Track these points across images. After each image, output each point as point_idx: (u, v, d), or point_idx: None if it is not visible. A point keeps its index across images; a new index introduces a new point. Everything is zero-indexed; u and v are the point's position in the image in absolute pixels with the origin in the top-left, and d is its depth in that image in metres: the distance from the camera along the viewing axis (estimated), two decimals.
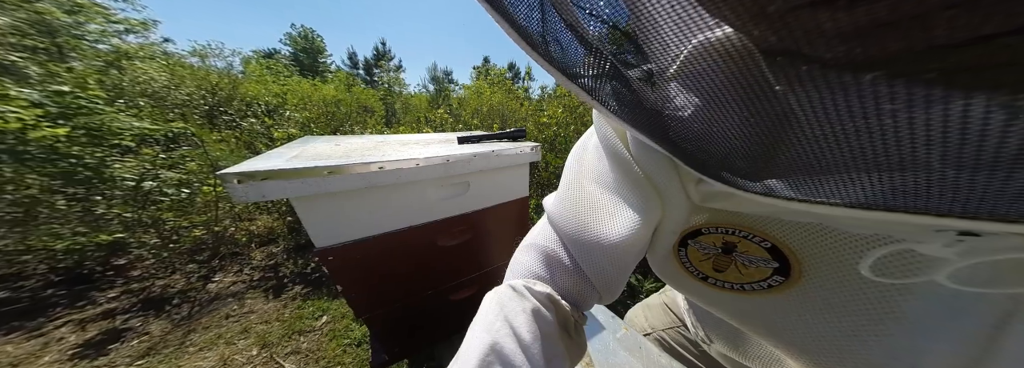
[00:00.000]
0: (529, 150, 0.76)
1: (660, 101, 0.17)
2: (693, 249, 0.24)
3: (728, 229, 0.22)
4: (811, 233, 0.19)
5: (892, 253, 0.16)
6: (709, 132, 0.15)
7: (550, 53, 0.16)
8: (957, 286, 0.15)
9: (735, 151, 0.15)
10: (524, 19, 0.16)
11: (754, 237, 0.21)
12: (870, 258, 0.17)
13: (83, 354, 1.22)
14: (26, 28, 1.99)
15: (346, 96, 4.97)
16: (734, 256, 0.23)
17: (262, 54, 19.29)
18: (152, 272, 1.68)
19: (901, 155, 0.10)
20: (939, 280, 0.16)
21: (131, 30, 3.39)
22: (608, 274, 0.27)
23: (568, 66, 0.17)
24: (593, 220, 0.26)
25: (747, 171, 0.15)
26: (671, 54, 0.14)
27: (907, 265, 0.16)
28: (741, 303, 0.24)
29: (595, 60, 0.16)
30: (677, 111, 0.16)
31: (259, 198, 0.45)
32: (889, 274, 0.17)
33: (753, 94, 0.13)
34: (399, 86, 15.41)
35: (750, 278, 0.22)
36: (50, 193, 1.47)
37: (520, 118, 3.58)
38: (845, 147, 0.11)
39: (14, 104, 1.31)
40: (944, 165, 0.10)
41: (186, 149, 1.92)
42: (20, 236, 1.48)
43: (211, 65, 7.07)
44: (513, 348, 0.21)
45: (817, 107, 0.11)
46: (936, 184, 0.10)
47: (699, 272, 0.25)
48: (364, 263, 0.63)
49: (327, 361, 1.23)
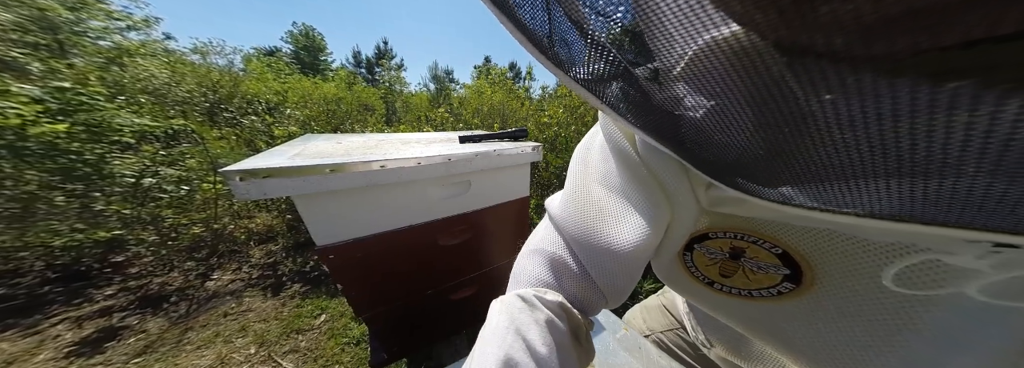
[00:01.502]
0: (530, 150, 0.76)
1: (668, 102, 0.16)
2: (699, 253, 0.24)
3: (737, 234, 0.21)
4: (825, 239, 0.18)
5: (918, 264, 0.15)
6: (720, 135, 0.15)
7: (557, 55, 0.16)
8: (987, 299, 0.14)
9: (748, 156, 0.14)
10: (530, 20, 0.15)
11: (764, 243, 0.20)
12: (893, 268, 0.16)
13: (79, 352, 1.21)
14: (28, 24, 1.99)
15: (347, 94, 4.97)
16: (742, 262, 0.22)
17: (263, 52, 19.30)
18: (150, 270, 1.68)
19: (936, 161, 0.09)
20: (969, 293, 0.14)
21: (133, 27, 3.39)
22: (617, 280, 0.26)
23: (574, 68, 0.16)
24: (601, 225, 0.25)
25: (761, 177, 0.15)
26: (677, 52, 0.14)
27: (934, 276, 0.15)
28: (748, 309, 0.24)
29: (602, 61, 0.16)
30: (687, 112, 0.15)
31: (261, 196, 0.45)
32: (913, 285, 0.16)
33: (764, 95, 0.12)
34: (400, 85, 15.43)
35: (758, 284, 0.22)
36: (49, 189, 1.47)
37: (521, 118, 3.58)
38: (872, 153, 0.10)
39: (15, 100, 1.31)
40: (989, 176, 0.09)
41: (186, 146, 1.91)
42: (18, 232, 1.48)
43: (212, 62, 7.06)
44: (528, 362, 0.20)
45: (840, 109, 0.10)
46: (978, 195, 0.09)
47: (705, 277, 0.24)
48: (365, 262, 0.63)
49: (325, 360, 1.22)
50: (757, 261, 0.21)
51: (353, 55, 28.62)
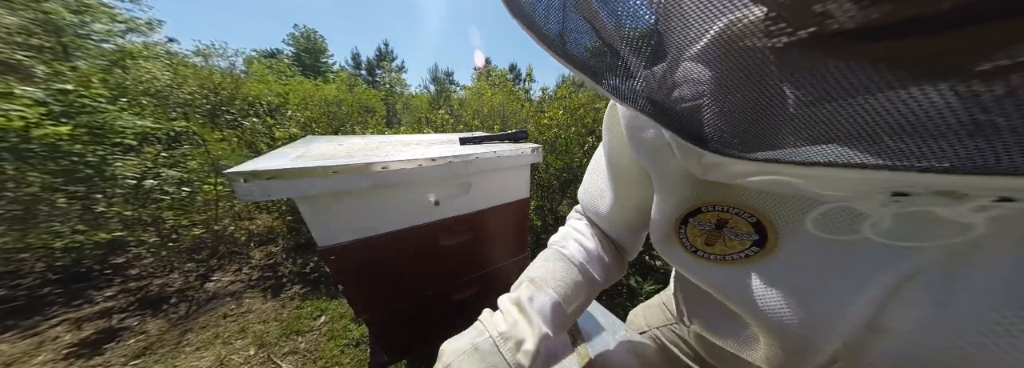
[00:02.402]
0: (530, 151, 0.77)
1: (670, 82, 0.17)
2: (692, 226, 0.27)
3: (724, 207, 0.25)
4: (780, 203, 0.22)
5: (831, 210, 0.19)
6: (724, 107, 0.16)
7: (563, 45, 0.17)
8: (883, 240, 0.17)
9: (744, 124, 0.16)
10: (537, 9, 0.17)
11: (743, 213, 0.24)
12: (814, 213, 0.19)
13: (78, 353, 1.21)
14: (33, 27, 2.01)
15: (347, 96, 4.99)
16: (723, 231, 0.25)
17: (264, 54, 19.39)
18: (150, 271, 1.68)
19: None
20: (866, 233, 0.17)
21: (136, 29, 3.41)
22: (619, 232, 0.41)
23: (576, 50, 0.18)
24: (592, 200, 0.41)
25: (746, 142, 0.16)
26: (693, 33, 0.15)
27: (844, 220, 0.18)
28: (721, 273, 0.27)
29: (606, 42, 0.17)
30: (693, 88, 0.17)
31: (264, 197, 0.46)
32: (828, 229, 0.19)
33: (755, 75, 0.14)
34: (401, 86, 15.48)
35: (732, 249, 0.25)
36: (51, 191, 1.47)
37: (521, 119, 3.60)
38: (853, 119, 0.12)
39: (18, 102, 1.32)
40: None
41: (188, 148, 1.92)
42: (20, 234, 1.48)
43: (214, 65, 7.10)
44: (580, 241, 0.39)
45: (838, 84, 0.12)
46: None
47: (691, 246, 0.28)
48: (365, 263, 0.64)
49: (325, 361, 1.22)
50: (736, 230, 0.24)
51: (352, 57, 28.79)
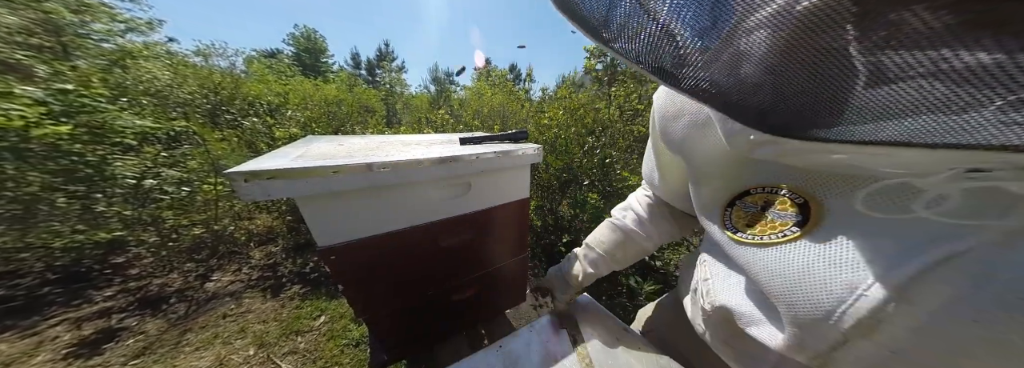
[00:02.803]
0: (531, 152, 0.77)
1: (725, 61, 0.17)
2: (738, 208, 0.27)
3: (771, 189, 0.24)
4: (827, 181, 0.21)
5: (883, 187, 0.18)
6: (791, 86, 0.16)
7: (609, 32, 0.18)
8: (937, 217, 0.16)
9: (812, 101, 0.16)
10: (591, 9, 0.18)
11: (791, 194, 0.23)
12: (863, 192, 0.19)
13: (78, 353, 1.21)
14: (33, 27, 2.01)
15: (347, 96, 4.99)
16: (768, 212, 0.24)
17: (264, 53, 19.38)
18: (150, 271, 1.68)
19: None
20: (918, 212, 0.16)
21: (136, 29, 3.41)
22: (673, 198, 0.49)
23: (622, 37, 0.18)
24: (649, 173, 0.50)
25: (806, 120, 0.16)
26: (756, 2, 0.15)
27: (896, 197, 0.18)
28: (758, 253, 0.25)
29: (659, 24, 0.17)
30: (755, 67, 0.17)
31: (265, 197, 0.45)
32: (879, 208, 0.18)
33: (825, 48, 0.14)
34: (401, 86, 15.48)
35: (772, 230, 0.24)
36: (51, 191, 1.47)
37: (521, 120, 3.60)
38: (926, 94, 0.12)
39: (18, 102, 1.31)
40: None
41: (188, 147, 1.92)
42: (19, 233, 1.48)
43: (214, 64, 7.09)
44: (634, 215, 0.53)
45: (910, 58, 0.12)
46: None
47: (733, 227, 0.27)
48: (366, 263, 0.64)
49: (325, 361, 1.22)
50: (780, 211, 0.24)
51: (352, 57, 28.77)
